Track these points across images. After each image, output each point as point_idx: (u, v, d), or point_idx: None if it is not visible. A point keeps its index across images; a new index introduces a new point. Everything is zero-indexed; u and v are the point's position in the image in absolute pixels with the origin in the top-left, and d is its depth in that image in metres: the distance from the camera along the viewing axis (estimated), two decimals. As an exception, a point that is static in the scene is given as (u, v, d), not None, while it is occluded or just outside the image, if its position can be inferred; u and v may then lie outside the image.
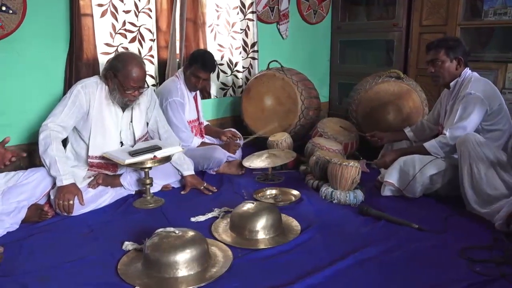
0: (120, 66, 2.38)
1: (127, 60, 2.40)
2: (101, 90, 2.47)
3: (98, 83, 2.48)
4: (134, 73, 2.37)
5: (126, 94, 2.43)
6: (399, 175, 2.47)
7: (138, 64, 2.41)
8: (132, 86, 2.40)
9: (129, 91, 2.42)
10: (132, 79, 2.38)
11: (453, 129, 2.42)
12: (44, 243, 2.00)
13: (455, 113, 2.43)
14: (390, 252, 1.89)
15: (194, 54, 3.04)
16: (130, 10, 3.16)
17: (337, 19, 4.66)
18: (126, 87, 2.40)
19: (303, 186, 2.76)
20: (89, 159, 2.50)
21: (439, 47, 2.50)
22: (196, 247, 1.73)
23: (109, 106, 2.49)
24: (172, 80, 3.06)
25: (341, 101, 4.76)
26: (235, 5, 3.84)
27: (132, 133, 2.62)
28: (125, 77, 2.37)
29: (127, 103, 2.50)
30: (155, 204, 2.49)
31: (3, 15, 2.55)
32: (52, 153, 2.30)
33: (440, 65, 2.51)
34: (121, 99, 2.45)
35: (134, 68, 2.38)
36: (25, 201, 2.19)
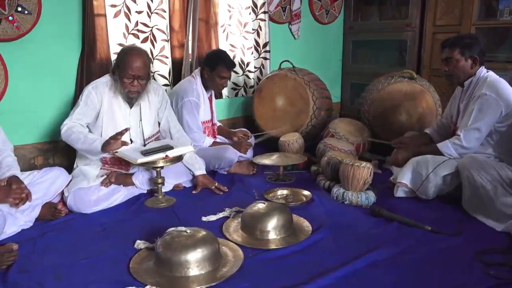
0: (120, 57, 2.48)
1: (127, 50, 2.50)
2: (110, 87, 2.52)
3: (108, 81, 2.53)
4: (131, 61, 2.42)
5: (125, 84, 2.46)
6: (412, 176, 2.45)
7: (136, 54, 2.46)
8: (130, 75, 2.44)
9: (127, 79, 2.45)
10: (130, 67, 2.42)
11: (467, 131, 2.38)
12: (57, 241, 2.03)
13: (469, 114, 2.39)
14: (403, 254, 1.87)
15: (212, 56, 3.05)
16: (143, 11, 3.18)
17: (349, 19, 4.64)
18: (123, 75, 2.44)
19: (315, 186, 2.75)
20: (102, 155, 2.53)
21: (454, 45, 2.45)
22: (207, 246, 1.74)
23: (118, 103, 2.54)
24: (188, 80, 3.08)
25: (353, 101, 4.73)
26: (247, 5, 3.84)
27: (141, 132, 2.64)
28: (124, 65, 2.44)
29: (129, 95, 2.51)
30: (166, 203, 2.50)
31: (19, 15, 2.59)
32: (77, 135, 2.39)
33: (454, 64, 2.47)
34: (122, 90, 2.49)
35: (133, 57, 2.43)
36: (39, 199, 2.23)
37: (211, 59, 3.03)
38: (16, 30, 2.59)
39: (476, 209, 2.25)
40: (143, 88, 2.53)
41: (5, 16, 2.53)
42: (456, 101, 2.66)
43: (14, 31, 2.59)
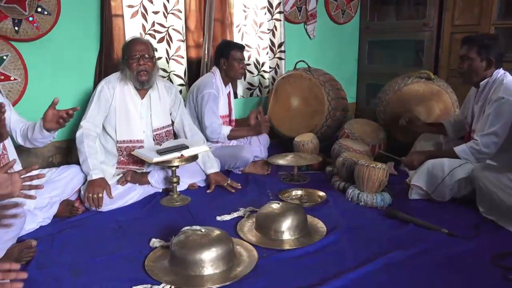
0: (125, 46, 2.60)
1: (129, 39, 2.65)
2: (121, 80, 2.59)
3: (119, 76, 2.61)
4: (133, 45, 2.55)
5: (132, 66, 2.52)
6: (427, 179, 2.42)
7: (137, 38, 2.63)
8: (134, 56, 2.51)
9: (133, 60, 2.51)
10: (133, 49, 2.52)
11: (485, 136, 2.34)
12: (74, 238, 2.06)
13: (486, 118, 2.35)
14: (419, 257, 1.85)
15: (221, 47, 3.13)
16: (159, 11, 3.21)
17: (365, 19, 4.60)
18: (130, 58, 2.51)
19: (329, 187, 2.74)
20: (118, 144, 2.59)
21: (472, 44, 2.40)
22: (222, 246, 1.75)
23: (130, 94, 2.60)
24: (208, 75, 3.13)
25: (368, 102, 4.70)
26: (262, 5, 3.84)
27: (150, 123, 2.68)
28: (129, 49, 2.55)
29: (139, 79, 2.54)
30: (181, 202, 2.52)
31: (39, 16, 2.63)
32: (84, 150, 2.42)
33: (468, 63, 2.43)
34: (132, 75, 2.54)
35: (134, 41, 2.59)
36: (57, 196, 2.27)
37: (222, 49, 3.11)
38: (36, 31, 2.64)
39: (492, 212, 2.21)
40: (151, 68, 2.57)
41: (25, 16, 2.58)
42: (470, 103, 2.61)
43: (34, 31, 2.64)
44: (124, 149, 2.62)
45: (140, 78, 2.54)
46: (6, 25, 2.53)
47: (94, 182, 2.36)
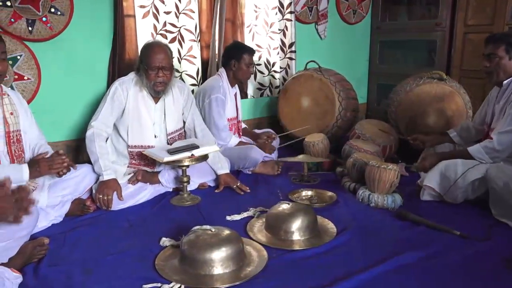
0: (144, 51, 2.54)
1: (149, 44, 2.57)
2: (136, 84, 2.58)
3: (133, 78, 2.59)
4: (153, 53, 2.48)
5: (150, 76, 2.50)
6: (440, 180, 2.39)
7: (157, 46, 2.53)
8: (154, 67, 2.48)
9: (152, 71, 2.49)
10: (153, 59, 2.47)
11: (501, 134, 2.31)
12: (86, 236, 2.08)
13: (506, 117, 2.31)
14: (430, 259, 1.83)
15: (233, 49, 3.12)
16: (171, 11, 3.23)
17: (377, 19, 4.58)
18: (149, 68, 2.48)
19: (339, 188, 2.73)
20: (129, 148, 2.59)
21: (499, 42, 2.36)
22: (232, 245, 1.75)
23: (143, 98, 2.58)
24: (215, 78, 3.13)
25: (379, 102, 4.67)
26: (273, 5, 3.84)
27: (165, 127, 2.68)
28: (147, 59, 2.49)
29: (155, 89, 2.54)
30: (191, 202, 2.53)
31: (52, 16, 2.67)
32: (95, 150, 2.42)
33: (497, 61, 2.38)
34: (149, 84, 2.53)
35: (154, 50, 2.49)
36: (69, 195, 2.29)
37: (233, 51, 3.10)
38: (49, 31, 2.68)
39: (506, 215, 2.18)
40: (168, 79, 2.57)
41: (39, 17, 2.61)
42: (492, 102, 2.57)
43: (47, 31, 2.67)
44: (136, 154, 2.63)
45: (157, 88, 2.54)
46: (20, 25, 2.56)
47: (105, 183, 2.38)
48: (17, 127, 2.12)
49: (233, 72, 3.09)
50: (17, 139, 2.12)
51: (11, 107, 2.11)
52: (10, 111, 2.10)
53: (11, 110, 2.11)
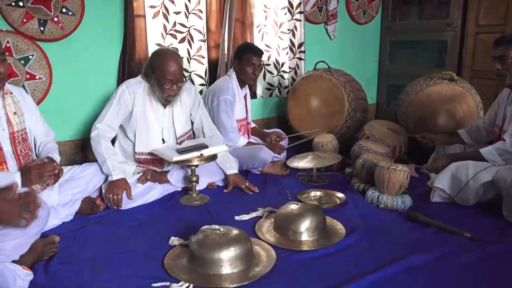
0: (157, 62, 2.48)
1: (162, 55, 2.49)
2: (143, 88, 2.56)
3: (141, 81, 2.57)
4: (169, 67, 2.44)
5: (165, 89, 2.49)
6: (451, 181, 2.37)
7: (173, 58, 2.48)
8: (169, 80, 2.46)
9: (167, 85, 2.48)
10: (168, 73, 2.45)
11: None
12: (96, 235, 2.09)
13: None
14: (440, 261, 1.82)
15: (240, 48, 3.13)
16: (181, 12, 3.24)
17: (387, 19, 4.55)
18: (163, 82, 2.47)
19: (349, 189, 2.71)
20: (136, 155, 2.60)
21: (511, 43, 2.34)
22: (240, 245, 1.75)
23: (151, 103, 2.57)
24: (224, 79, 3.13)
25: (389, 103, 4.64)
26: (283, 6, 3.84)
27: (173, 132, 2.69)
28: (162, 71, 2.45)
29: (168, 99, 2.55)
30: (200, 201, 2.53)
31: (63, 16, 2.69)
32: (101, 151, 2.42)
33: (509, 63, 2.35)
34: (161, 95, 2.52)
35: (170, 62, 2.45)
36: (79, 194, 2.31)
37: (239, 51, 3.11)
38: (60, 31, 2.70)
39: None
40: (180, 89, 2.57)
41: (50, 17, 2.63)
42: (503, 104, 2.54)
43: (59, 31, 2.69)
44: (143, 160, 2.63)
45: (169, 98, 2.55)
46: (32, 26, 2.59)
47: (114, 182, 2.39)
48: (21, 126, 2.08)
49: (237, 71, 3.09)
50: (22, 138, 2.09)
51: (15, 106, 2.06)
52: (13, 111, 2.05)
53: (15, 109, 2.06)
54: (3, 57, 1.92)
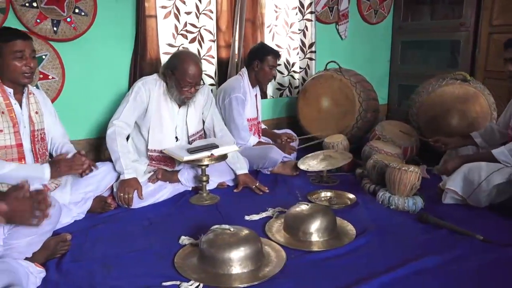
0: (177, 64, 2.49)
1: (183, 58, 2.51)
2: (159, 87, 2.58)
3: (157, 80, 2.60)
4: (190, 70, 2.47)
5: (183, 91, 2.52)
6: (463, 183, 2.34)
7: (193, 61, 2.50)
8: (189, 83, 2.49)
9: (185, 88, 2.50)
10: (188, 76, 2.47)
11: None
12: (107, 233, 2.11)
13: None
14: (452, 263, 1.80)
15: (259, 49, 3.12)
16: (191, 12, 3.25)
17: (398, 18, 4.52)
18: (183, 84, 2.49)
19: (359, 190, 2.70)
20: (148, 152, 2.62)
21: None
22: (250, 245, 1.75)
23: (166, 102, 2.59)
24: (236, 78, 3.14)
25: (400, 103, 4.61)
26: (294, 6, 3.83)
27: (186, 130, 2.70)
28: (182, 74, 2.47)
29: (184, 100, 2.58)
30: (210, 201, 2.54)
31: (76, 17, 2.72)
32: (116, 148, 2.44)
33: None
34: (178, 96, 2.55)
35: (190, 66, 2.47)
36: (91, 192, 2.33)
37: (258, 52, 3.10)
38: (73, 31, 2.73)
39: None
40: (197, 91, 2.60)
41: (63, 17, 2.66)
42: None
43: (72, 31, 2.72)
44: (155, 158, 2.65)
45: (187, 100, 2.58)
46: (45, 26, 2.62)
47: (126, 182, 2.41)
48: (41, 125, 2.18)
49: (255, 73, 3.09)
50: (41, 138, 2.18)
51: (36, 106, 2.18)
52: (35, 110, 2.16)
53: (36, 109, 2.17)
54: (34, 54, 2.06)
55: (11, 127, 2.02)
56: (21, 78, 2.02)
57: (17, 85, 2.06)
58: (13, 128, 2.02)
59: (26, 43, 2.01)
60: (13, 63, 1.98)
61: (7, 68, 1.99)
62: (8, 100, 2.04)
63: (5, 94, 2.03)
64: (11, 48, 1.97)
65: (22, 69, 2.00)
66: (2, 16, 2.47)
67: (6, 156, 2.01)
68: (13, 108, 2.04)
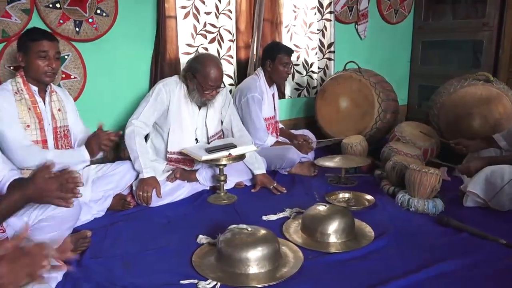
0: (199, 67, 2.50)
1: (205, 61, 2.52)
2: (180, 88, 2.60)
3: (178, 82, 2.62)
4: (212, 73, 2.48)
5: (204, 94, 2.54)
6: (485, 186, 2.29)
7: (215, 65, 2.52)
8: (210, 86, 2.51)
9: (207, 91, 2.52)
10: (210, 79, 2.49)
11: None
12: (126, 231, 2.14)
13: None
14: (473, 267, 1.76)
15: (270, 48, 3.13)
16: (211, 12, 3.27)
17: (419, 18, 4.45)
18: (204, 87, 2.51)
19: (378, 191, 2.67)
20: (168, 154, 2.64)
21: None
22: (268, 245, 1.75)
23: (186, 104, 2.61)
24: (252, 77, 3.15)
25: (420, 104, 4.54)
26: (313, 5, 3.81)
27: (206, 131, 2.72)
28: (204, 77, 2.49)
29: (205, 102, 2.60)
30: (228, 201, 2.55)
31: (98, 17, 2.76)
32: (135, 147, 2.47)
33: None
34: (199, 98, 2.57)
35: (212, 69, 2.48)
36: (111, 190, 2.37)
37: (270, 51, 3.11)
38: (94, 31, 2.77)
39: None
40: (218, 93, 2.62)
41: (85, 18, 2.71)
42: None
43: (93, 32, 2.77)
44: (174, 159, 2.67)
45: (207, 102, 2.60)
46: (68, 26, 2.67)
47: (145, 180, 2.43)
48: (64, 122, 2.24)
49: (269, 73, 3.09)
50: (64, 134, 2.23)
51: (59, 104, 2.23)
52: (58, 108, 2.22)
53: (59, 106, 2.23)
54: (58, 56, 2.13)
55: (37, 123, 2.10)
56: (43, 77, 2.09)
57: (40, 83, 2.12)
58: (38, 124, 2.10)
59: (52, 44, 2.08)
60: (37, 62, 2.05)
61: (31, 67, 2.07)
62: (34, 97, 2.12)
63: (31, 92, 2.11)
64: (37, 48, 2.04)
65: (44, 68, 2.07)
66: (27, 17, 2.53)
67: None
68: (38, 105, 2.12)
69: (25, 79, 2.10)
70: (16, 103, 2.05)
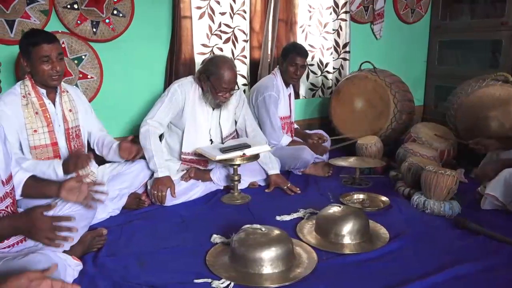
0: (213, 70, 2.51)
1: (219, 63, 2.52)
2: (195, 89, 2.61)
3: (193, 82, 2.63)
4: (226, 76, 2.49)
5: (218, 96, 2.55)
6: (504, 188, 2.24)
7: (229, 67, 2.52)
8: (224, 88, 2.51)
9: (221, 93, 2.53)
10: (224, 81, 2.49)
11: None
12: (141, 229, 2.16)
13: None
14: (490, 271, 1.73)
15: (286, 48, 3.12)
16: (226, 12, 3.28)
17: (436, 18, 4.39)
18: (218, 89, 2.52)
19: (393, 192, 2.64)
20: (182, 155, 2.66)
21: None
22: (282, 246, 1.74)
23: (201, 105, 2.63)
24: (269, 77, 3.15)
25: (437, 105, 4.48)
26: (328, 5, 3.80)
27: (220, 132, 2.73)
28: (218, 79, 2.49)
29: (219, 104, 2.61)
30: (242, 201, 2.55)
31: (114, 18, 2.79)
32: (150, 147, 2.48)
33: None
34: (213, 100, 2.58)
35: (226, 71, 2.49)
36: (126, 189, 2.39)
37: (285, 50, 3.10)
38: (111, 32, 2.81)
39: None
40: (232, 95, 2.62)
41: (102, 18, 2.74)
42: None
43: (110, 32, 2.80)
44: (188, 161, 2.69)
45: (221, 103, 2.61)
46: (85, 27, 2.71)
47: (159, 180, 2.45)
48: (76, 123, 2.25)
49: (282, 71, 3.09)
50: (76, 135, 2.24)
51: (70, 104, 2.23)
52: (69, 108, 2.22)
53: (70, 107, 2.23)
54: (61, 57, 2.10)
55: (45, 127, 2.09)
56: (49, 80, 2.08)
57: (47, 86, 2.12)
58: (47, 128, 2.10)
59: (52, 46, 2.04)
60: (41, 67, 2.03)
61: (36, 72, 2.05)
62: (42, 100, 2.11)
63: (39, 95, 2.10)
64: (38, 53, 2.01)
65: (49, 72, 2.05)
66: (46, 17, 2.57)
67: (41, 155, 2.09)
68: (47, 108, 2.11)
69: (33, 81, 2.09)
70: (23, 108, 2.05)
